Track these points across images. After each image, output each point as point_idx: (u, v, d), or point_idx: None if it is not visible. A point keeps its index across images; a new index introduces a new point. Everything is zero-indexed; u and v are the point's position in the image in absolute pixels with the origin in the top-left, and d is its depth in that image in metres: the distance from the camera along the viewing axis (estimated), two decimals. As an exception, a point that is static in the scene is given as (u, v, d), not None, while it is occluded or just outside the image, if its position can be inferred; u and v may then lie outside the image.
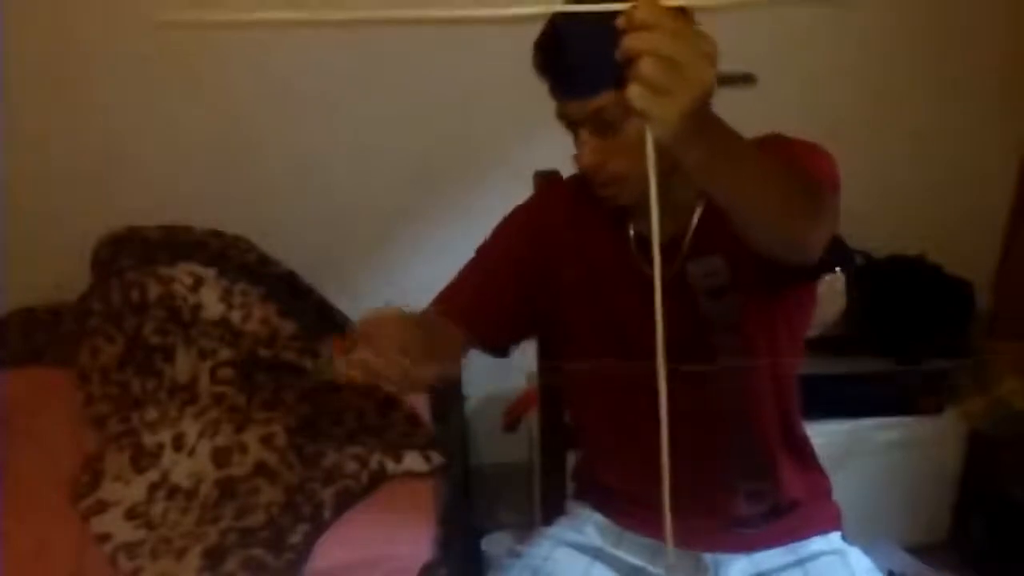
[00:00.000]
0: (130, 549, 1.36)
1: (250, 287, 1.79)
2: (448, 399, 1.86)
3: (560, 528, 1.22)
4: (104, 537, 1.38)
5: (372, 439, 1.57)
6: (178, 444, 1.52)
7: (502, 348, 1.19)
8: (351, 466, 1.49)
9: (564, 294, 1.13)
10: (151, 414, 1.57)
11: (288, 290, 1.87)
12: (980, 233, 2.24)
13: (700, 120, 0.64)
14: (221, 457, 1.50)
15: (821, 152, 0.97)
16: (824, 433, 1.81)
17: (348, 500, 1.45)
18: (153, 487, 1.47)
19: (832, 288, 1.78)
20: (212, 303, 1.72)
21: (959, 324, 2.02)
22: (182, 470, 1.49)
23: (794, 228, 0.81)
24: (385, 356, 0.90)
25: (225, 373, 1.63)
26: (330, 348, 0.95)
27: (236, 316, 1.73)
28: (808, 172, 0.89)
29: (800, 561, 1.12)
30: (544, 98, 0.98)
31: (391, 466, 1.51)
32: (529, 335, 1.24)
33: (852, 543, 1.16)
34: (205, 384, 1.61)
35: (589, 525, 1.20)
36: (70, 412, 1.65)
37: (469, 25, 1.94)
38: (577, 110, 0.94)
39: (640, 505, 1.13)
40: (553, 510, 1.35)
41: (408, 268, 2.11)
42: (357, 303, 1.95)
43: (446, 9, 0.63)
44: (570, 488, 1.34)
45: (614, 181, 0.98)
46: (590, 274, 1.10)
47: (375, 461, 1.50)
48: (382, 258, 2.14)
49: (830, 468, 1.20)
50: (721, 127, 0.71)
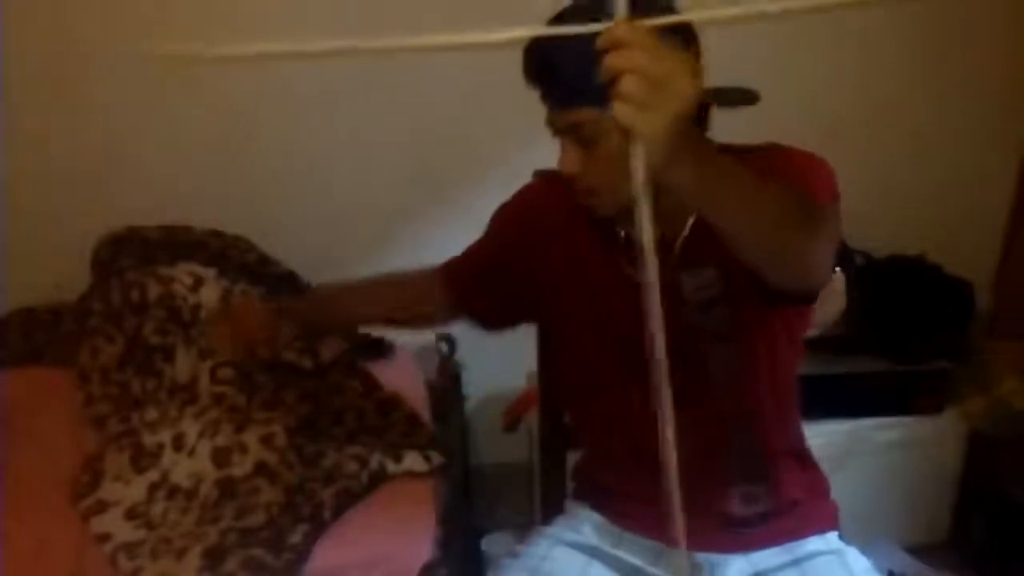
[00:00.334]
0: (130, 549, 1.36)
1: (250, 287, 1.79)
2: (448, 399, 1.86)
3: (558, 527, 1.22)
4: (104, 537, 1.38)
5: (372, 439, 1.57)
6: (178, 444, 1.52)
7: (489, 324, 1.27)
8: (351, 466, 1.49)
9: (556, 291, 1.14)
10: (151, 414, 1.57)
11: (288, 290, 1.87)
12: (980, 233, 2.24)
13: (687, 140, 0.65)
14: (221, 457, 1.50)
15: (818, 165, 0.96)
16: (824, 433, 1.82)
17: (348, 500, 1.44)
18: (153, 487, 1.47)
19: (832, 288, 1.78)
20: (212, 303, 1.72)
21: (959, 324, 2.02)
22: (182, 470, 1.49)
23: (788, 249, 0.81)
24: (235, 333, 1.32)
25: (225, 373, 1.63)
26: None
27: (236, 316, 1.73)
28: (804, 190, 0.89)
29: (797, 561, 1.11)
30: (544, 98, 0.98)
31: (391, 466, 1.51)
32: (520, 321, 1.27)
33: (851, 543, 1.16)
34: (205, 384, 1.61)
35: (587, 525, 1.20)
36: (70, 412, 1.65)
37: (468, 24, 1.95)
38: (559, 120, 0.95)
39: (638, 505, 1.13)
40: (553, 510, 1.34)
41: (408, 268, 2.11)
42: (357, 303, 1.96)
43: (427, 35, 0.64)
44: (569, 488, 1.34)
45: (592, 193, 0.98)
46: (579, 273, 1.11)
47: (375, 461, 1.50)
48: (382, 258, 2.13)
49: (830, 468, 1.20)
50: (710, 149, 0.72)
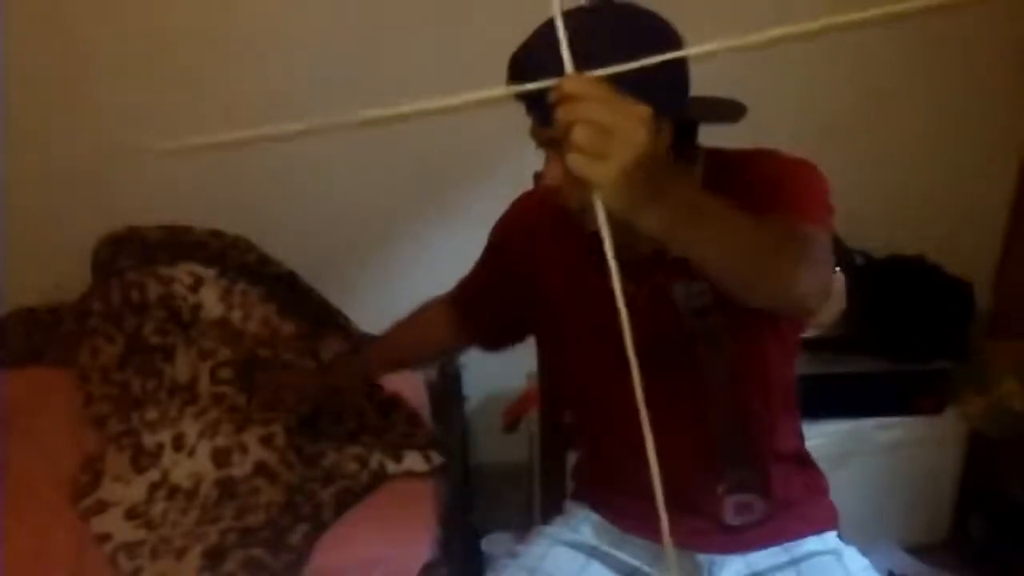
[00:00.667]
0: (130, 549, 1.36)
1: (250, 287, 1.79)
2: (448, 399, 1.86)
3: (556, 527, 1.22)
4: (104, 537, 1.38)
5: (372, 439, 1.57)
6: (178, 444, 1.51)
7: (492, 346, 1.32)
8: (351, 466, 1.49)
9: (553, 297, 1.14)
10: (151, 414, 1.57)
11: (288, 290, 1.87)
12: (980, 233, 2.24)
13: (650, 186, 0.65)
14: (221, 457, 1.50)
15: (810, 174, 0.96)
16: (824, 433, 1.83)
17: (348, 500, 1.44)
18: (153, 487, 1.47)
19: (832, 288, 1.78)
20: (212, 303, 1.72)
21: (959, 324, 2.02)
22: (182, 470, 1.49)
23: (770, 283, 0.81)
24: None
25: (225, 373, 1.62)
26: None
27: (236, 316, 1.73)
28: (794, 208, 0.89)
29: (795, 561, 1.11)
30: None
31: (391, 466, 1.51)
32: (523, 334, 1.29)
33: (850, 543, 1.16)
34: (205, 384, 1.61)
35: (586, 524, 1.20)
36: (70, 412, 1.64)
37: (467, 28, 1.96)
38: (543, 133, 0.94)
39: (637, 506, 1.13)
40: (553, 510, 1.34)
41: (408, 269, 2.11)
42: (357, 303, 1.96)
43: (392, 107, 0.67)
44: (569, 488, 1.34)
45: (579, 209, 0.96)
46: (574, 279, 1.10)
47: (375, 461, 1.50)
48: (382, 258, 2.14)
49: (830, 468, 1.20)
50: (682, 192, 0.72)
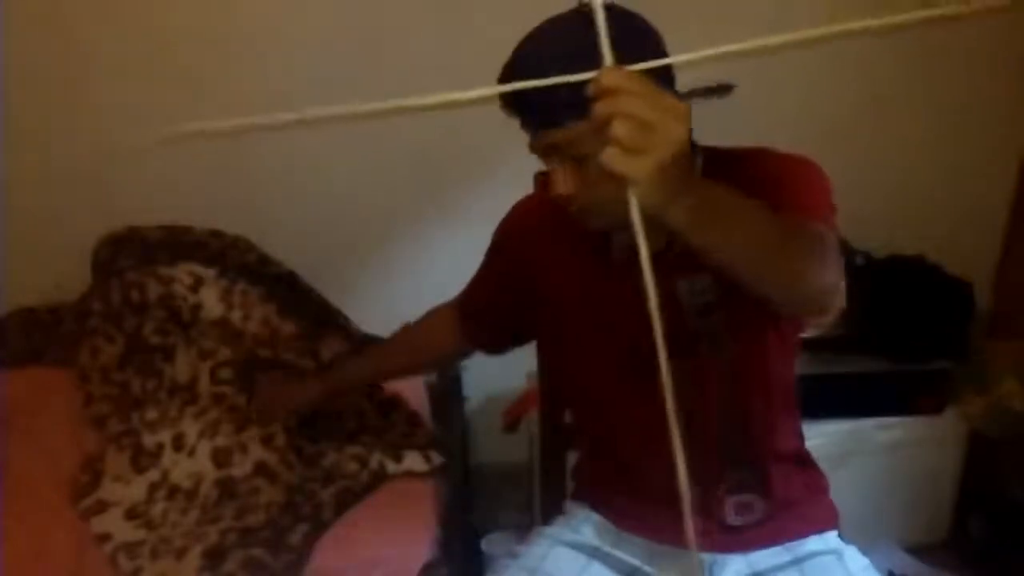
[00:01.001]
0: (130, 549, 1.36)
1: (250, 287, 1.79)
2: (448, 399, 1.86)
3: (557, 527, 1.22)
4: (104, 537, 1.38)
5: (372, 439, 1.57)
6: (178, 444, 1.51)
7: (496, 350, 1.33)
8: (351, 466, 1.49)
9: (554, 298, 1.14)
10: (151, 414, 1.57)
11: (288, 290, 1.87)
12: (980, 233, 2.24)
13: (680, 181, 0.66)
14: (221, 457, 1.50)
15: (811, 172, 0.97)
16: (824, 433, 1.83)
17: (348, 500, 1.45)
18: (153, 487, 1.47)
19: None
20: (212, 303, 1.72)
21: (959, 324, 2.02)
22: (182, 470, 1.49)
23: (792, 279, 0.81)
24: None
25: (225, 373, 1.62)
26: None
27: (236, 316, 1.73)
28: (799, 205, 0.89)
29: (796, 560, 1.11)
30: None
31: (391, 466, 1.51)
32: (526, 338, 1.31)
33: (851, 542, 1.16)
34: (205, 384, 1.61)
35: (586, 524, 1.20)
36: (70, 412, 1.65)
37: (467, 28, 1.96)
38: (546, 139, 0.93)
39: (637, 506, 1.13)
40: (553, 510, 1.34)
41: (408, 269, 2.11)
42: (357, 303, 1.96)
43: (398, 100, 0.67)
44: (569, 488, 1.34)
45: (587, 210, 0.97)
46: (576, 280, 1.11)
47: (375, 461, 1.50)
48: (382, 258, 2.14)
49: (830, 468, 1.20)
50: (704, 188, 0.73)
